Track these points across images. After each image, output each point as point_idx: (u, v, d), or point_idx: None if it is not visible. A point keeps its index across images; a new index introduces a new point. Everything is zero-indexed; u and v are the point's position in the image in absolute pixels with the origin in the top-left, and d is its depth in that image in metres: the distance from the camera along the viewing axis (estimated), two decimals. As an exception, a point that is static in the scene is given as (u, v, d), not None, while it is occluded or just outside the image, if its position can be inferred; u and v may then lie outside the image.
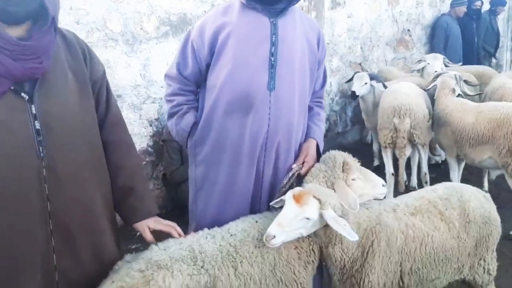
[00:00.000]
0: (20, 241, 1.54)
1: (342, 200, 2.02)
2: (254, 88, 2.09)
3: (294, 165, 2.22)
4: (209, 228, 2.07)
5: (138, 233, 3.87)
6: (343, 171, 2.13)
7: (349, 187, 2.12)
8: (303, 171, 2.22)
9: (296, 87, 2.18)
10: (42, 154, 1.55)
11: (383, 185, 2.21)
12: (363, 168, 2.23)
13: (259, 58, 2.09)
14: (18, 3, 1.46)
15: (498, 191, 4.73)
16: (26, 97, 1.53)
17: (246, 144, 2.14)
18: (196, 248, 1.89)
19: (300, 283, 2.02)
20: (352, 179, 2.14)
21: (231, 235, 1.99)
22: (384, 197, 2.32)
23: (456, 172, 4.36)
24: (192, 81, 2.22)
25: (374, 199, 2.24)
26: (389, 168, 4.48)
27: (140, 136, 4.32)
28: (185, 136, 2.24)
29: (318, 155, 2.33)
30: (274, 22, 2.10)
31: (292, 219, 1.89)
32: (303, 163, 2.23)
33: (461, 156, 4.20)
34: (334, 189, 2.10)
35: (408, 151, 4.35)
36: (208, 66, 2.15)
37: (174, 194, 4.34)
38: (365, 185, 2.17)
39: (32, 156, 1.54)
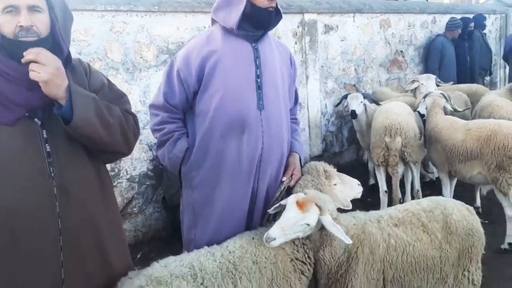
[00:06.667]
0: (32, 257, 1.65)
1: (335, 202, 2.24)
2: (246, 109, 2.24)
3: (284, 178, 2.37)
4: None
5: (139, 255, 4.00)
6: (326, 178, 2.35)
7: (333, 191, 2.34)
8: (292, 183, 2.38)
9: (282, 105, 2.35)
10: (53, 174, 1.69)
11: (358, 185, 2.46)
12: (340, 173, 2.47)
13: (247, 81, 2.25)
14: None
15: (491, 206, 4.83)
16: (39, 122, 1.68)
17: (243, 163, 2.27)
18: (196, 265, 1.99)
19: None
20: (334, 184, 2.37)
21: (230, 252, 2.10)
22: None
23: (448, 188, 4.47)
24: (180, 109, 2.32)
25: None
26: (382, 186, 4.60)
27: (140, 160, 4.46)
28: (178, 162, 2.32)
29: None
30: (255, 47, 2.28)
31: (294, 224, 2.05)
32: (291, 175, 2.38)
33: (452, 173, 4.32)
34: None
35: (400, 169, 4.47)
36: (195, 93, 2.27)
37: (174, 217, 4.45)
38: (345, 187, 2.40)
39: (43, 176, 1.67)
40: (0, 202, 1.60)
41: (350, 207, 2.32)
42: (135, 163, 4.44)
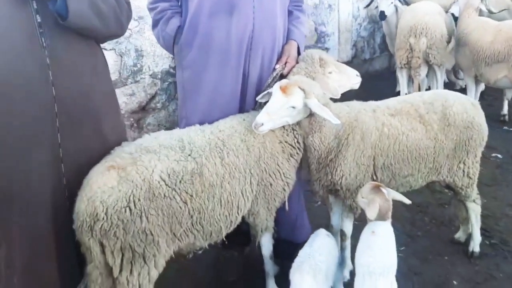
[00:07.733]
0: (29, 122, 1.77)
1: (324, 90, 2.22)
2: None
3: (277, 66, 2.35)
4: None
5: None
6: (320, 66, 2.31)
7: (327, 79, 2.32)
8: (285, 71, 2.35)
9: None
10: (45, 44, 1.76)
11: (356, 75, 2.41)
12: (338, 63, 2.42)
13: None
14: None
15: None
16: None
17: (232, 44, 2.24)
18: (185, 139, 2.07)
19: (283, 173, 2.24)
20: (329, 72, 2.33)
21: (220, 130, 2.17)
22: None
23: (473, 92, 4.35)
24: None
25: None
26: (403, 89, 4.52)
27: (162, 57, 4.52)
28: (171, 41, 2.32)
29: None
30: None
31: (279, 108, 2.09)
32: (285, 63, 2.36)
33: (478, 76, 4.17)
34: None
35: (423, 71, 4.35)
36: None
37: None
38: (341, 77, 2.37)
39: (35, 45, 1.74)
40: None
41: (339, 96, 2.29)
42: (157, 59, 4.51)
